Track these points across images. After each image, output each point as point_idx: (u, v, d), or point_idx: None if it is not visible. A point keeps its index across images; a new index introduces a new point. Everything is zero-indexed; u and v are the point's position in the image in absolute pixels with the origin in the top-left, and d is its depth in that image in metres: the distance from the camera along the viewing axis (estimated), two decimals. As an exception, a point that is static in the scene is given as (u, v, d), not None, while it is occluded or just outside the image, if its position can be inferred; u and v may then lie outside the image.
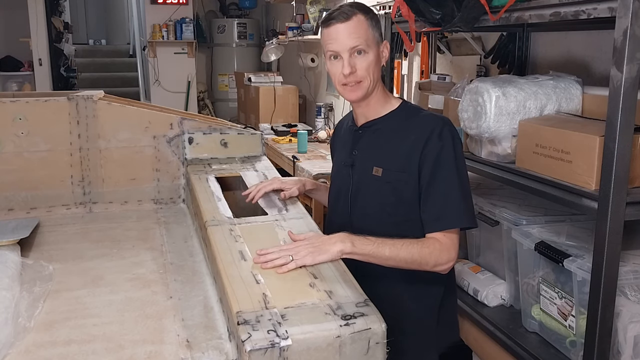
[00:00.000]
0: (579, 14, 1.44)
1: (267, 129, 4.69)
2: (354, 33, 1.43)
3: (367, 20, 1.45)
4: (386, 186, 1.49)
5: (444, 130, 1.44)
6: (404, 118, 1.52)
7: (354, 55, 1.44)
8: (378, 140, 1.53)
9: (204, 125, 2.11)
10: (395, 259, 1.36)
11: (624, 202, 1.38)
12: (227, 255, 1.34)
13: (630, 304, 1.52)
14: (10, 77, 6.40)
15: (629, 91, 1.31)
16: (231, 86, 6.76)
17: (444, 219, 1.42)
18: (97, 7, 10.37)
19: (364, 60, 1.45)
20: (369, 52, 1.45)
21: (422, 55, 3.32)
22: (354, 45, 1.43)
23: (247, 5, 7.06)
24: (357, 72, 1.45)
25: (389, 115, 1.54)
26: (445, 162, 1.43)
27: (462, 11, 1.78)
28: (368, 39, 1.45)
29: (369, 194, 1.53)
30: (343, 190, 1.60)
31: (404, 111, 1.54)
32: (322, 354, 1.03)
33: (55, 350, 1.15)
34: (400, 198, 1.48)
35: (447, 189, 1.43)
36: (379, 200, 1.51)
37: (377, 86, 1.51)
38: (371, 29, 1.46)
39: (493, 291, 2.01)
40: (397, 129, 1.51)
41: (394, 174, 1.48)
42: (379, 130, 1.54)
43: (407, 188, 1.46)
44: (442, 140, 1.43)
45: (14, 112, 1.92)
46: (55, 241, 1.74)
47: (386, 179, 1.49)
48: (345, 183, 1.59)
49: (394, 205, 1.49)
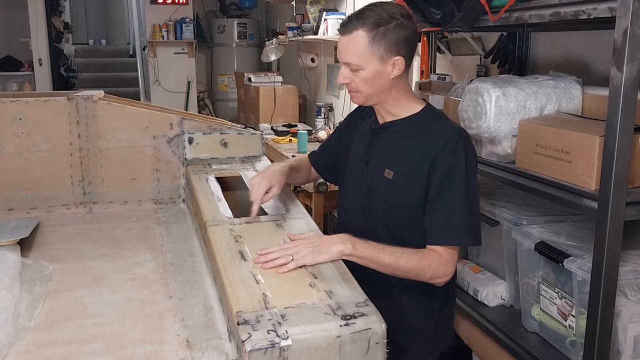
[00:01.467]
0: (579, 14, 1.44)
1: (267, 129, 4.69)
2: (350, 50, 1.44)
3: (368, 36, 1.41)
4: (394, 190, 1.49)
5: (459, 145, 1.42)
6: (423, 123, 1.51)
7: (351, 68, 1.47)
8: (394, 143, 1.53)
9: (204, 125, 2.11)
10: (394, 267, 1.36)
11: (624, 202, 1.38)
12: (227, 255, 1.34)
13: (630, 304, 1.52)
14: (10, 77, 6.39)
15: (629, 91, 1.31)
16: (231, 86, 6.76)
17: (446, 233, 1.42)
18: (97, 7, 10.36)
19: (357, 75, 1.46)
20: (365, 69, 1.44)
21: (422, 55, 3.32)
22: (346, 61, 1.46)
23: (247, 5, 7.05)
24: (351, 84, 1.48)
25: (409, 118, 1.52)
26: (455, 178, 1.41)
27: (462, 11, 1.78)
28: (364, 56, 1.42)
29: (378, 193, 1.54)
30: (357, 185, 1.60)
31: (425, 116, 1.52)
32: (322, 354, 1.03)
33: (55, 350, 1.15)
34: (405, 203, 1.48)
35: (454, 204, 1.41)
36: (386, 202, 1.52)
37: (389, 95, 1.50)
38: (372, 44, 1.41)
39: (493, 291, 2.01)
40: (414, 134, 1.50)
41: (403, 179, 1.48)
42: (397, 132, 1.53)
43: (413, 195, 1.46)
44: (454, 156, 1.41)
45: (14, 112, 1.92)
46: (55, 241, 1.74)
47: (395, 182, 1.49)
48: (360, 179, 1.59)
49: (398, 208, 1.50)
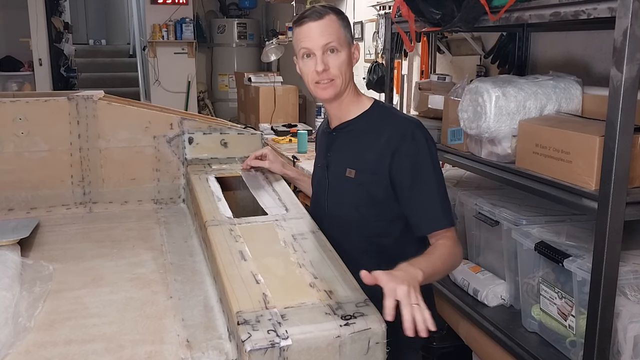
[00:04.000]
0: (579, 14, 1.44)
1: (267, 129, 4.69)
2: (326, 31, 1.47)
3: (339, 20, 1.49)
4: (359, 188, 1.52)
5: (416, 133, 1.47)
6: (376, 119, 1.55)
7: (327, 53, 1.48)
8: (351, 142, 1.56)
9: (204, 125, 2.11)
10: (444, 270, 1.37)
11: (624, 202, 1.38)
12: (227, 255, 1.34)
13: (630, 304, 1.52)
14: (10, 77, 6.39)
15: (629, 91, 1.31)
16: (231, 86, 6.76)
17: (439, 219, 1.45)
18: (97, 7, 10.36)
19: (336, 58, 1.48)
20: (341, 51, 1.49)
21: (422, 55, 3.32)
22: (326, 42, 1.46)
23: (247, 5, 7.06)
24: (329, 70, 1.48)
25: (361, 116, 1.56)
26: (423, 165, 1.46)
27: (462, 11, 1.78)
28: (340, 38, 1.48)
29: (343, 194, 1.56)
30: (320, 192, 1.64)
31: (376, 112, 1.57)
32: (322, 354, 1.03)
33: (55, 350, 1.15)
34: (372, 199, 1.51)
35: (433, 188, 1.46)
36: (353, 201, 1.54)
37: (350, 86, 1.54)
38: (343, 29, 1.50)
39: (493, 291, 2.01)
40: (369, 130, 1.53)
41: (366, 175, 1.50)
42: (352, 131, 1.56)
43: (379, 189, 1.49)
44: (416, 143, 1.46)
45: (14, 112, 1.92)
46: (55, 241, 1.74)
47: (359, 180, 1.51)
48: (322, 184, 1.62)
49: (366, 205, 1.52)
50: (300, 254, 1.36)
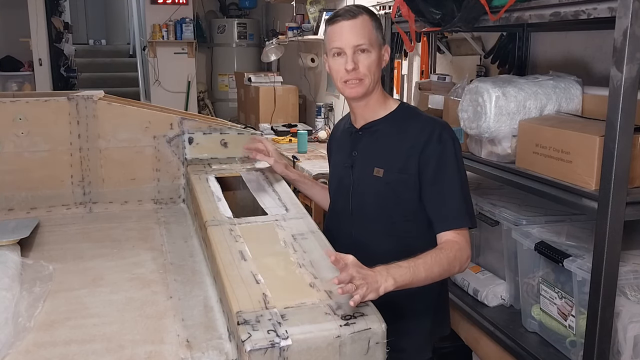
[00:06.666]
0: (579, 14, 1.44)
1: (267, 129, 4.69)
2: (359, 31, 1.47)
3: (372, 21, 1.50)
4: (386, 187, 1.52)
5: (443, 134, 1.49)
6: (403, 120, 1.55)
7: (358, 53, 1.48)
8: (378, 142, 1.56)
9: (204, 125, 2.11)
10: (432, 277, 1.34)
11: (624, 202, 1.38)
12: (227, 255, 1.34)
13: (630, 304, 1.52)
14: (10, 77, 6.38)
15: (629, 91, 1.31)
16: (231, 86, 6.75)
17: (454, 218, 1.45)
18: (97, 7, 10.35)
19: (366, 58, 1.48)
20: (372, 52, 1.49)
21: (422, 55, 3.32)
22: (358, 43, 1.47)
23: (247, 5, 7.05)
24: (359, 69, 1.48)
25: (387, 117, 1.57)
26: (448, 164, 1.47)
27: (462, 11, 1.78)
28: (372, 39, 1.49)
29: (369, 193, 1.55)
30: (343, 191, 1.62)
31: (403, 113, 1.57)
32: (322, 354, 1.03)
33: (55, 350, 1.15)
34: (399, 198, 1.51)
35: (453, 189, 1.46)
36: (379, 200, 1.54)
37: (377, 87, 1.55)
38: (375, 30, 1.50)
39: (493, 291, 2.01)
40: (396, 131, 1.54)
41: (394, 174, 1.50)
42: (378, 131, 1.56)
43: (407, 189, 1.49)
44: (442, 143, 1.47)
45: (14, 112, 1.92)
46: (55, 241, 1.74)
47: (386, 179, 1.51)
48: (345, 184, 1.61)
49: (393, 205, 1.52)
50: (300, 254, 1.36)
